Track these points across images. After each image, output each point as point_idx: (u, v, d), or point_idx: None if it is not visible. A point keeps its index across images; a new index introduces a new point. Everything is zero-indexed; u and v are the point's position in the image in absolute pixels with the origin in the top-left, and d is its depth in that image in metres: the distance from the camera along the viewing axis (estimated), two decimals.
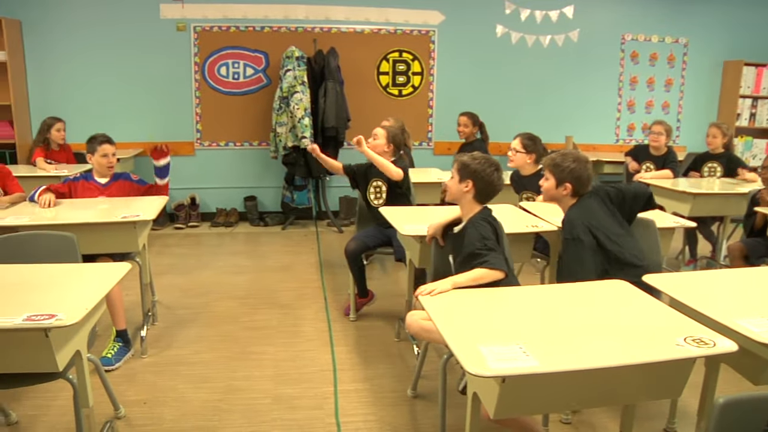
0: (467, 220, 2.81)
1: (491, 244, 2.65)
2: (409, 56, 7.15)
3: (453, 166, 2.87)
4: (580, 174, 3.02)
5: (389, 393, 3.28)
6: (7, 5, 6.58)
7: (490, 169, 2.76)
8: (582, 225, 2.93)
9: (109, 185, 4.23)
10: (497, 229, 2.77)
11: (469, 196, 2.79)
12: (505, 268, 2.60)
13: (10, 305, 2.24)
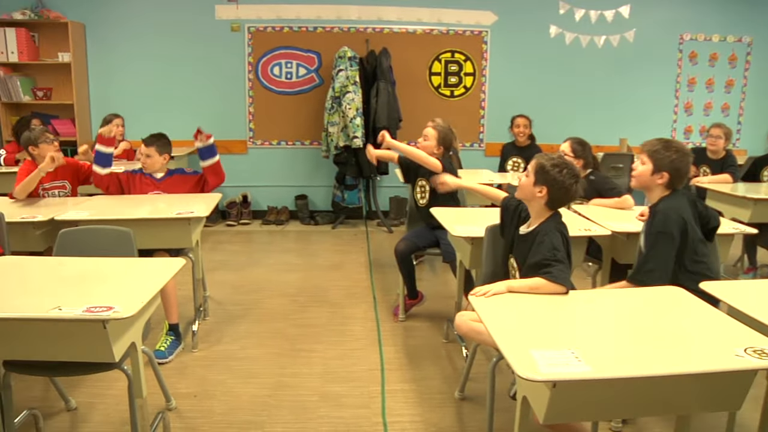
0: (537, 225, 2.73)
1: (560, 255, 2.56)
2: (461, 57, 7.12)
3: (531, 164, 2.76)
4: (680, 166, 2.83)
5: (436, 394, 3.27)
6: (72, 9, 6.81)
7: (570, 181, 2.65)
8: (679, 220, 2.76)
9: (164, 180, 4.34)
10: (568, 239, 2.68)
11: (541, 202, 2.70)
12: (569, 285, 2.50)
13: (71, 297, 2.31)
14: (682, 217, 2.79)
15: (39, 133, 4.27)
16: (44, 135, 4.25)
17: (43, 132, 4.29)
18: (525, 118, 5.90)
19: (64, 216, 3.65)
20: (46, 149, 4.22)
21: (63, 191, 4.37)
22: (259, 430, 2.94)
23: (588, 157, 4.15)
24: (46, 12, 6.72)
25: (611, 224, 3.42)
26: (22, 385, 3.14)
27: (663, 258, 2.76)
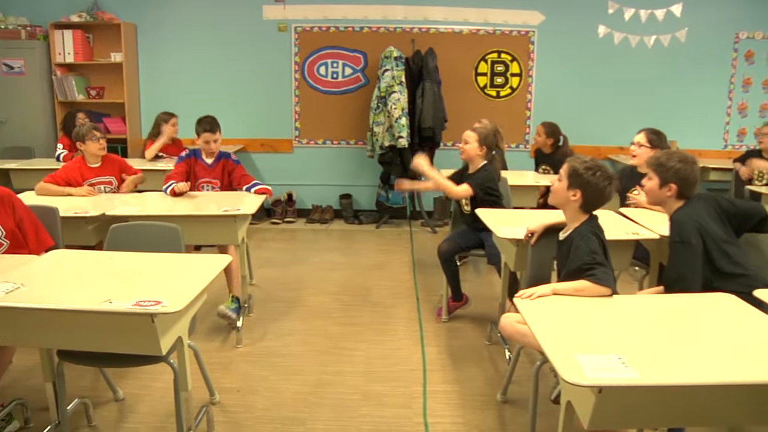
0: (573, 230, 2.72)
1: (600, 258, 2.54)
2: (507, 57, 7.05)
3: (562, 168, 2.75)
4: (687, 175, 2.83)
5: (478, 396, 3.25)
6: (125, 10, 6.99)
7: (604, 183, 2.63)
8: (693, 227, 2.74)
9: (214, 166, 4.50)
10: (604, 241, 2.66)
11: (575, 205, 2.68)
12: (613, 286, 2.49)
13: (121, 290, 2.36)
14: (697, 222, 2.76)
15: (87, 131, 4.42)
16: (92, 132, 4.41)
17: (91, 129, 4.43)
18: (542, 126, 5.76)
19: (114, 211, 3.76)
20: (92, 146, 4.40)
21: (109, 187, 4.49)
22: (301, 426, 2.97)
23: (665, 147, 4.01)
24: (101, 14, 6.90)
25: (660, 228, 3.35)
26: (74, 374, 3.22)
27: (687, 266, 2.72)
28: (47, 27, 6.86)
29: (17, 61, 6.81)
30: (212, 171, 4.51)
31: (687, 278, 2.69)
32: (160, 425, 2.97)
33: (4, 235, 3.01)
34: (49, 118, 6.98)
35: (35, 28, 6.91)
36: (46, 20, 6.88)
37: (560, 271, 2.76)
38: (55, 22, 6.84)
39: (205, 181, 4.52)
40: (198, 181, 4.51)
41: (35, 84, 6.88)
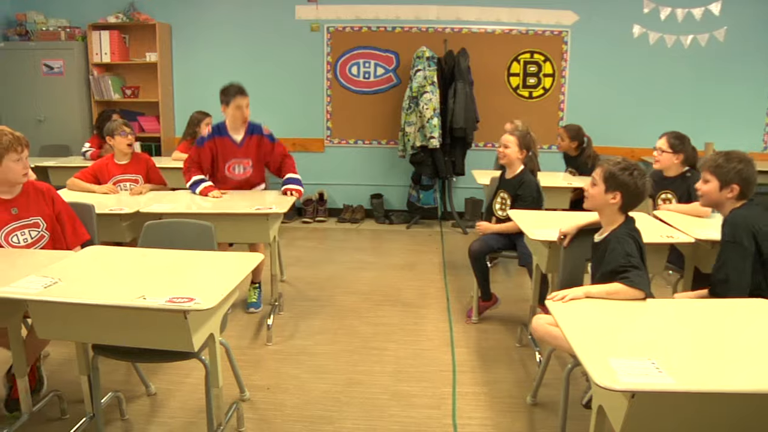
0: (610, 232, 2.68)
1: (635, 261, 2.51)
2: (540, 57, 6.99)
3: (596, 173, 2.71)
4: (748, 175, 2.77)
5: (508, 398, 3.23)
6: (161, 11, 7.09)
7: (642, 180, 2.61)
8: (747, 229, 2.68)
9: (244, 143, 4.41)
10: (641, 244, 2.62)
11: (614, 208, 2.65)
12: (647, 290, 2.45)
13: (155, 287, 2.39)
14: (753, 225, 2.70)
15: (116, 126, 4.48)
16: (121, 128, 4.45)
17: (120, 125, 4.48)
18: (564, 129, 5.67)
19: (149, 209, 3.81)
20: (120, 141, 4.44)
21: (135, 185, 4.51)
22: (330, 425, 2.97)
23: (688, 151, 3.96)
24: (137, 15, 7.01)
25: (695, 231, 3.29)
26: (107, 368, 3.28)
27: (735, 268, 2.68)
28: (86, 28, 7.00)
29: (57, 61, 6.96)
30: (242, 149, 4.40)
31: (733, 281, 2.65)
32: (190, 420, 3.01)
33: (45, 227, 3.10)
34: (86, 117, 7.11)
35: (74, 30, 7.06)
36: (85, 21, 7.03)
37: (594, 273, 2.73)
38: (93, 23, 6.98)
39: (236, 162, 4.41)
40: (227, 163, 4.41)
41: (73, 84, 7.02)
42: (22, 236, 3.03)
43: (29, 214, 3.05)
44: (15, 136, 2.92)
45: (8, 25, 7.20)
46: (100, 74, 7.08)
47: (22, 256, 2.86)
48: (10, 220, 2.99)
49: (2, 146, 2.86)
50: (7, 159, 2.88)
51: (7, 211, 2.98)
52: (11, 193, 3.02)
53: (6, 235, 2.97)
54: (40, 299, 2.30)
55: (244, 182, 4.49)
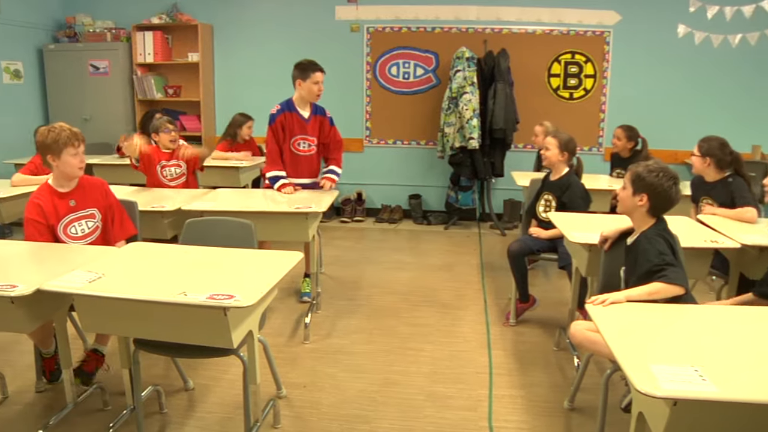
0: (639, 234, 2.67)
1: (669, 258, 2.49)
2: (581, 58, 6.90)
3: (626, 176, 2.71)
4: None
5: (544, 403, 3.19)
6: (203, 12, 7.21)
7: (669, 183, 2.59)
8: None
9: (311, 121, 4.51)
10: (672, 243, 2.60)
11: (642, 210, 2.64)
12: (685, 284, 2.44)
13: (195, 283, 2.43)
14: None
15: (160, 124, 4.67)
16: (164, 125, 4.64)
17: (164, 123, 4.67)
18: (621, 128, 5.57)
19: (190, 206, 3.87)
20: (164, 138, 4.63)
21: (179, 169, 4.67)
22: (365, 424, 2.98)
23: (722, 156, 3.87)
24: (180, 15, 7.13)
25: (741, 236, 3.22)
26: (147, 363, 3.34)
27: None
28: (130, 29, 7.15)
29: (102, 62, 7.12)
30: (309, 126, 4.48)
31: None
32: (227, 416, 3.04)
33: (100, 219, 3.25)
34: (129, 115, 7.26)
35: (119, 31, 7.22)
36: (129, 22, 7.18)
37: (628, 278, 2.69)
38: (137, 24, 7.13)
39: (302, 138, 4.47)
40: (293, 138, 4.46)
41: (117, 83, 7.18)
42: (80, 227, 3.17)
43: (86, 205, 3.21)
44: (73, 131, 3.10)
45: (58, 27, 7.40)
46: (143, 74, 7.23)
47: (68, 251, 2.94)
48: (68, 211, 3.14)
49: (61, 141, 3.04)
50: (65, 153, 3.05)
51: (65, 203, 3.13)
52: (69, 186, 3.17)
53: (65, 226, 3.11)
54: (84, 293, 2.36)
55: (308, 159, 4.55)
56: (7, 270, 2.69)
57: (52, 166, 3.11)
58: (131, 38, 7.16)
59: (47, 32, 7.31)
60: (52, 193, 3.12)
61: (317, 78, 4.35)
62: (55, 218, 3.09)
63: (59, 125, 3.11)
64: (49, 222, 3.07)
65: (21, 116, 6.93)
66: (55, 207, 3.09)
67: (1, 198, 4.25)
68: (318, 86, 4.36)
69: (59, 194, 3.13)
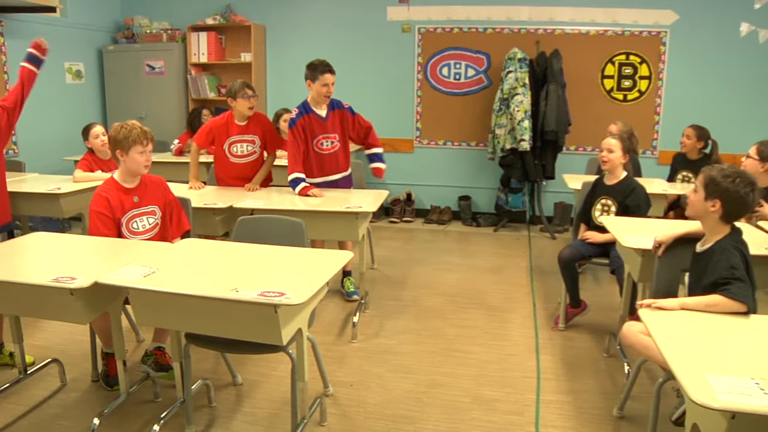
0: (714, 243, 2.56)
1: (739, 273, 2.39)
2: (636, 59, 6.75)
3: (698, 179, 2.60)
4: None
5: (593, 410, 3.13)
6: (256, 12, 7.32)
7: (746, 189, 2.45)
8: None
9: (328, 118, 4.46)
10: (748, 258, 2.49)
11: (715, 217, 2.52)
12: (750, 303, 2.33)
13: (247, 280, 2.47)
14: None
15: (239, 87, 4.44)
16: (243, 90, 4.43)
17: (242, 86, 4.44)
18: (692, 128, 5.40)
19: (241, 204, 3.94)
20: (242, 104, 4.45)
21: (251, 146, 4.58)
22: (411, 425, 2.98)
23: None
24: (233, 16, 7.25)
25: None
26: (197, 357, 3.39)
27: None
28: (185, 30, 7.30)
29: (158, 62, 7.29)
30: (329, 124, 4.45)
31: None
32: (275, 412, 3.08)
33: (160, 215, 3.35)
34: (183, 114, 7.41)
35: (175, 32, 7.38)
36: (184, 23, 7.34)
37: (693, 285, 2.61)
38: (192, 25, 7.28)
39: (324, 137, 4.45)
40: (316, 139, 4.44)
41: (172, 83, 7.34)
42: (141, 222, 3.26)
43: (148, 202, 3.30)
44: (143, 130, 3.23)
45: (118, 29, 7.61)
46: (197, 73, 7.37)
47: (124, 246, 3.01)
48: (132, 207, 3.24)
49: (131, 138, 3.16)
50: (133, 150, 3.17)
51: (130, 199, 3.23)
52: (133, 183, 3.27)
53: (128, 221, 3.21)
54: (139, 287, 2.42)
55: (332, 156, 4.52)
56: (67, 263, 2.79)
57: (120, 161, 3.22)
58: (186, 39, 7.31)
59: (107, 34, 7.53)
60: (117, 188, 3.21)
61: (326, 80, 4.32)
62: (121, 212, 3.19)
63: (131, 123, 3.23)
64: (115, 216, 3.17)
65: (81, 115, 7.13)
66: (121, 201, 3.19)
67: (62, 193, 4.37)
68: (327, 88, 4.34)
69: (124, 189, 3.23)
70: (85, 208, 4.49)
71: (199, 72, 7.42)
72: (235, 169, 4.58)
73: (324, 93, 4.35)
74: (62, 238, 3.32)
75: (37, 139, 6.49)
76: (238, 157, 4.56)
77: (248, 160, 4.59)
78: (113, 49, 7.38)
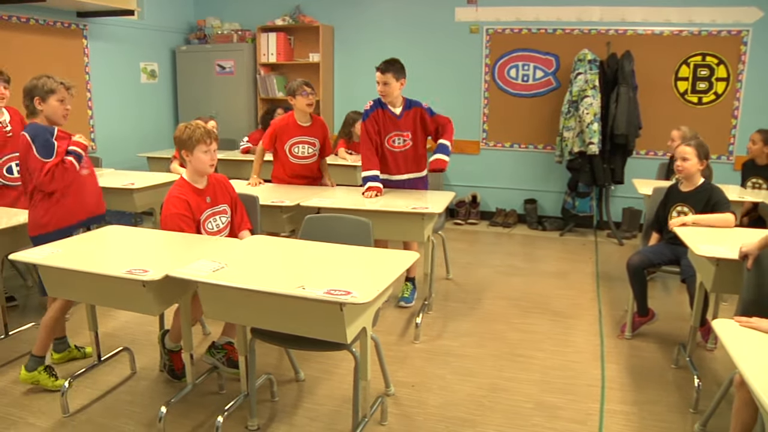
0: None
1: None
2: (713, 60, 6.52)
3: None
4: None
5: (659, 422, 3.04)
6: (324, 13, 7.43)
7: None
8: None
9: (403, 116, 4.42)
10: None
11: None
12: None
13: (313, 278, 2.50)
14: None
15: (297, 85, 4.48)
16: (302, 87, 4.46)
17: (301, 84, 4.48)
18: (759, 133, 5.15)
19: (309, 202, 3.98)
20: (301, 101, 4.49)
21: (312, 148, 4.61)
22: (471, 428, 2.96)
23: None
24: (302, 17, 7.36)
25: None
26: (261, 352, 3.44)
27: None
28: (255, 30, 7.45)
29: (228, 62, 7.46)
30: (402, 122, 4.41)
31: None
32: (336, 409, 3.10)
33: (229, 215, 3.42)
34: (252, 113, 7.57)
35: (245, 32, 7.55)
36: (254, 24, 7.49)
37: None
38: (261, 25, 7.42)
39: (396, 134, 4.42)
40: (388, 135, 4.41)
41: (242, 83, 7.50)
42: (215, 222, 3.34)
43: (219, 201, 3.37)
44: (207, 130, 3.25)
45: (190, 30, 7.84)
46: (266, 73, 7.51)
47: (195, 241, 3.09)
48: (206, 207, 3.30)
49: (195, 138, 3.19)
50: (197, 150, 3.20)
51: (203, 200, 3.30)
52: (202, 183, 3.32)
53: (204, 221, 3.28)
54: (208, 282, 2.48)
55: (403, 155, 4.48)
56: (140, 256, 2.88)
57: (186, 161, 3.27)
58: (256, 39, 7.46)
59: (180, 35, 7.76)
60: (191, 190, 3.26)
61: (376, 78, 4.34)
62: (198, 213, 3.25)
63: (195, 123, 3.28)
64: (195, 217, 3.23)
65: (155, 113, 7.40)
66: (197, 203, 3.25)
67: (136, 188, 4.52)
68: (378, 86, 4.34)
69: (197, 190, 3.27)
70: (156, 203, 4.65)
71: (268, 72, 7.56)
72: (294, 169, 4.63)
73: (378, 90, 4.36)
74: (135, 231, 3.43)
75: (114, 136, 6.74)
76: (298, 157, 4.61)
77: (307, 162, 4.64)
78: (186, 49, 7.60)
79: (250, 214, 3.53)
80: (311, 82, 4.58)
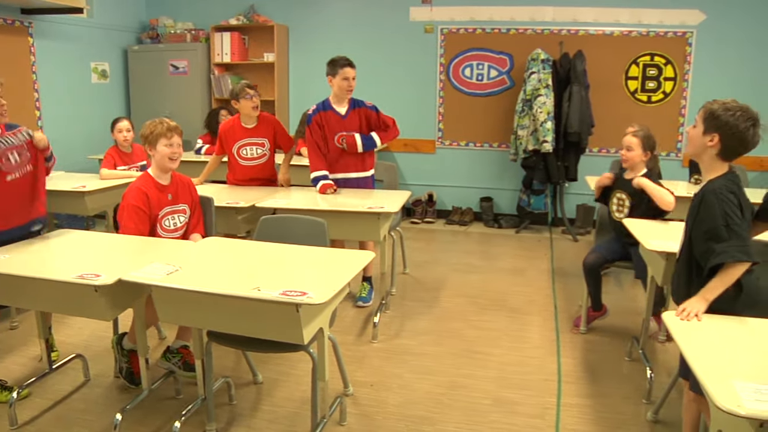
0: (707, 182, 2.44)
1: (734, 224, 2.30)
2: (661, 60, 6.67)
3: (698, 114, 2.52)
4: None
5: (614, 413, 3.11)
6: (279, 13, 7.37)
7: (746, 123, 2.37)
8: None
9: (348, 116, 4.42)
10: (741, 201, 2.37)
11: (712, 153, 2.42)
12: (752, 258, 2.25)
13: (269, 279, 2.48)
14: None
15: (240, 89, 4.43)
16: (245, 91, 4.42)
17: (243, 87, 4.43)
18: None
19: (264, 203, 3.95)
20: (245, 104, 4.45)
21: (261, 149, 4.57)
22: (431, 426, 2.97)
23: None
24: (257, 17, 7.30)
25: None
26: (218, 354, 3.40)
27: None
28: (209, 30, 7.36)
29: (182, 61, 7.35)
30: (347, 122, 4.40)
31: None
32: (295, 411, 3.09)
33: (188, 216, 3.40)
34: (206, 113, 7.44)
35: (198, 32, 7.45)
36: (208, 24, 7.39)
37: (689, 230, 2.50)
38: (216, 25, 7.33)
39: (343, 134, 4.39)
40: (335, 136, 4.39)
41: (196, 83, 7.39)
42: (172, 221, 3.31)
43: (180, 201, 3.36)
44: (171, 125, 3.29)
45: (143, 29, 7.70)
46: (220, 73, 7.42)
47: (148, 244, 3.04)
48: (166, 204, 3.28)
49: (156, 133, 3.23)
50: (159, 143, 3.23)
51: (165, 196, 3.28)
52: (166, 180, 3.31)
53: (161, 218, 3.25)
54: (162, 285, 2.44)
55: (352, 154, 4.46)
56: (92, 260, 2.82)
57: (150, 156, 3.28)
58: (210, 39, 7.36)
59: (132, 34, 7.60)
60: (154, 185, 3.25)
61: (347, 74, 4.32)
62: (157, 208, 3.23)
63: (160, 119, 3.31)
64: (152, 212, 3.21)
65: (106, 114, 7.19)
66: (158, 198, 3.24)
67: (87, 191, 4.42)
68: (347, 82, 4.32)
69: (159, 186, 3.27)
70: (109, 206, 4.56)
71: (223, 72, 7.47)
72: (244, 172, 4.59)
73: (345, 87, 4.34)
74: (87, 235, 3.36)
75: (63, 138, 6.56)
76: (247, 159, 4.57)
77: (257, 163, 4.59)
78: (138, 49, 7.46)
79: (205, 215, 3.49)
80: (257, 84, 4.61)
